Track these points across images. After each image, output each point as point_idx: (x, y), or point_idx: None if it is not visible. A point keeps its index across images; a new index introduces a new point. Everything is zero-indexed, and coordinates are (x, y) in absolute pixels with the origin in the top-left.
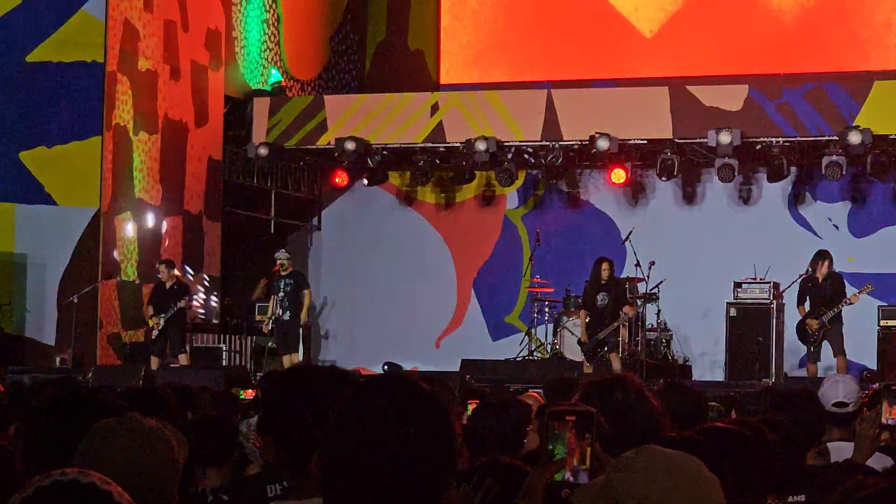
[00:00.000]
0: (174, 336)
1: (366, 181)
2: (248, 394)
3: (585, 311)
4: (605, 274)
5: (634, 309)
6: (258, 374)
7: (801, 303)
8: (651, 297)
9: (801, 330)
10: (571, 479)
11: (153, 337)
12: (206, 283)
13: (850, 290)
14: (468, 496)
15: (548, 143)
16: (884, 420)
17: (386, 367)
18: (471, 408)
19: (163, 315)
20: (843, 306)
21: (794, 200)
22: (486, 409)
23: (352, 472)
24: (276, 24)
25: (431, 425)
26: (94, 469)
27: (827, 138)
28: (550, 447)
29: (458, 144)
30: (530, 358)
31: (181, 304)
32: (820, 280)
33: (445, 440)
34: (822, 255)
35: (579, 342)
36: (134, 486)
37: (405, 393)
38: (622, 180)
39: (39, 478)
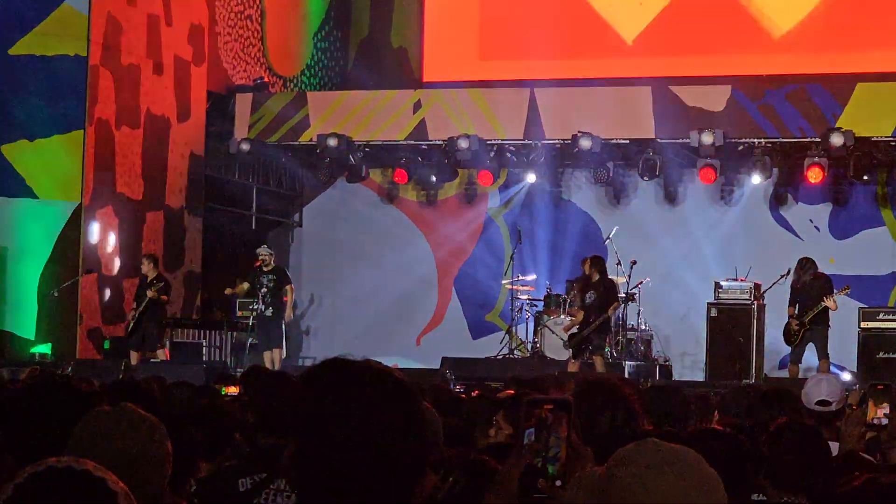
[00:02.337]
0: (149, 331)
1: (350, 179)
2: (231, 390)
3: (580, 310)
4: (588, 271)
5: (617, 305)
6: (238, 369)
7: (791, 304)
8: (631, 297)
9: (786, 331)
10: (563, 472)
11: (128, 330)
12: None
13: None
14: (436, 488)
15: (530, 142)
16: (869, 419)
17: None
18: None
19: (135, 308)
20: (821, 307)
21: (776, 201)
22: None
23: (327, 463)
24: (259, 19)
25: (406, 415)
26: (87, 456)
27: (809, 140)
28: (542, 439)
29: (440, 142)
30: (511, 356)
31: (150, 294)
32: (806, 283)
33: (419, 430)
34: (802, 265)
35: (570, 338)
36: (127, 474)
37: (379, 382)
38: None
39: (33, 464)
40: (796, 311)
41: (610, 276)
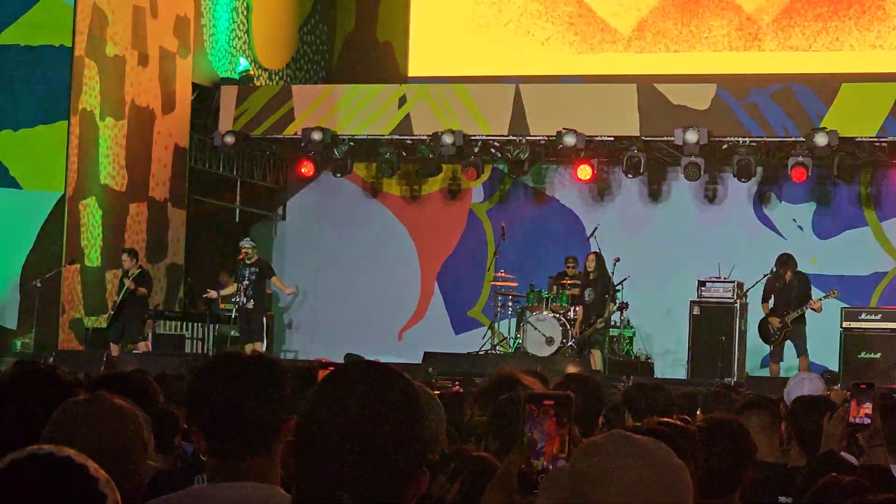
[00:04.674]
0: (130, 323)
1: (334, 173)
2: None
3: (580, 307)
4: (590, 267)
5: (612, 307)
6: None
7: (765, 300)
8: (624, 306)
9: (764, 328)
10: (549, 466)
11: (108, 322)
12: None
13: (815, 293)
14: (443, 487)
15: (514, 138)
16: (851, 418)
17: (348, 358)
18: None
19: (114, 300)
20: (806, 309)
21: (760, 200)
22: None
23: (328, 457)
24: (245, 12)
25: (408, 410)
26: (63, 445)
27: (793, 139)
28: (528, 433)
29: (424, 137)
30: (493, 352)
31: (127, 283)
32: (787, 280)
33: (419, 425)
34: (784, 262)
35: (573, 338)
36: (102, 464)
37: (382, 378)
38: (588, 177)
39: (14, 452)
40: (772, 308)
41: (609, 274)
